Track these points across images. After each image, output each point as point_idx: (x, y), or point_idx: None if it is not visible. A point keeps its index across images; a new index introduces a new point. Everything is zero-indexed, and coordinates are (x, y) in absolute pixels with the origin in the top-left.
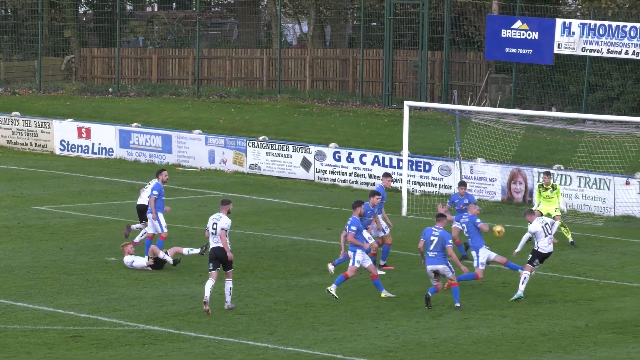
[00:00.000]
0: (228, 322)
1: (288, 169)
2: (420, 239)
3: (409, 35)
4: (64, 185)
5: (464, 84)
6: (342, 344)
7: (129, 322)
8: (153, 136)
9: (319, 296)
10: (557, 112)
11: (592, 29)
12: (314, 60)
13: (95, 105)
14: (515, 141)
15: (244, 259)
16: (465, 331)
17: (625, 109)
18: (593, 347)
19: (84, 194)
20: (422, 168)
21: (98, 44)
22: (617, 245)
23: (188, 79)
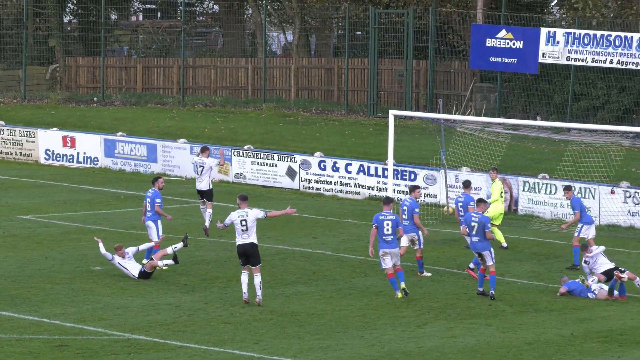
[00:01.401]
0: (213, 331)
1: (273, 178)
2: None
3: (394, 45)
4: (49, 194)
5: (448, 93)
6: (328, 353)
7: (115, 331)
8: (138, 145)
9: (305, 305)
10: (542, 121)
11: (576, 38)
12: (299, 69)
13: (80, 114)
14: (500, 150)
15: (229, 268)
16: (451, 340)
17: (610, 118)
18: (579, 356)
19: (69, 203)
20: (408, 177)
21: (83, 53)
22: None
23: (173, 88)
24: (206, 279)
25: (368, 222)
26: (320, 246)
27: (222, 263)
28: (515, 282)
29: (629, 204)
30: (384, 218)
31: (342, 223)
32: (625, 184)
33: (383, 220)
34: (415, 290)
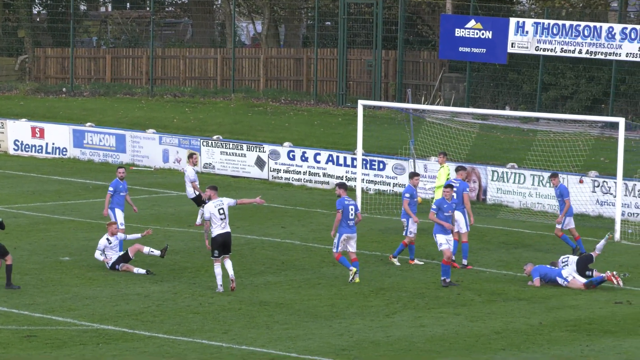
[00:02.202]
0: (182, 321)
1: (242, 168)
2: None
3: (363, 35)
4: (18, 185)
5: (417, 83)
6: (297, 342)
7: (83, 321)
8: (107, 136)
9: (273, 295)
10: (511, 111)
11: (545, 28)
12: (268, 59)
13: (49, 105)
14: (469, 140)
15: (198, 258)
16: (420, 329)
17: (578, 107)
18: (547, 345)
19: (37, 193)
20: (376, 167)
21: (52, 44)
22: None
23: (142, 79)
24: (175, 269)
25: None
26: (289, 236)
27: (190, 253)
28: (483, 272)
29: (598, 193)
30: (348, 203)
31: (311, 213)
32: (593, 174)
33: (348, 205)
34: (383, 279)
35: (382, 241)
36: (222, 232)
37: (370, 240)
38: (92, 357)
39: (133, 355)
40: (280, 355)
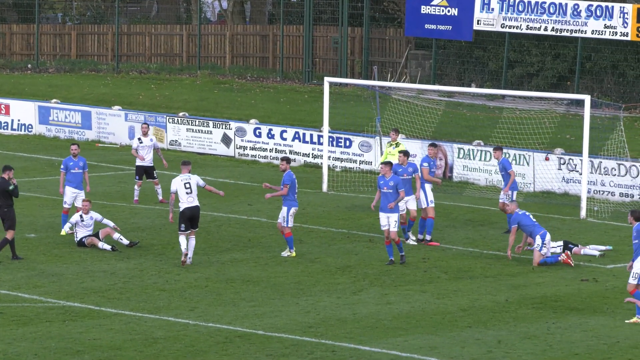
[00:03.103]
0: (148, 298)
1: (209, 145)
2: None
3: (329, 12)
4: None
5: (384, 60)
6: (263, 319)
7: (50, 298)
8: (73, 112)
9: (240, 272)
10: (477, 88)
11: (511, 5)
12: (233, 36)
13: (14, 81)
14: (435, 117)
15: (164, 235)
16: (386, 307)
17: (544, 85)
18: (513, 322)
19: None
20: (343, 144)
21: (17, 20)
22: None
23: (107, 55)
24: (141, 246)
25: (303, 188)
26: (255, 213)
27: (157, 230)
28: (450, 249)
29: (564, 171)
30: (295, 177)
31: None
32: (559, 151)
33: (296, 179)
34: (350, 257)
35: (348, 218)
36: (190, 206)
37: (337, 217)
38: (58, 334)
39: (99, 332)
40: (247, 333)
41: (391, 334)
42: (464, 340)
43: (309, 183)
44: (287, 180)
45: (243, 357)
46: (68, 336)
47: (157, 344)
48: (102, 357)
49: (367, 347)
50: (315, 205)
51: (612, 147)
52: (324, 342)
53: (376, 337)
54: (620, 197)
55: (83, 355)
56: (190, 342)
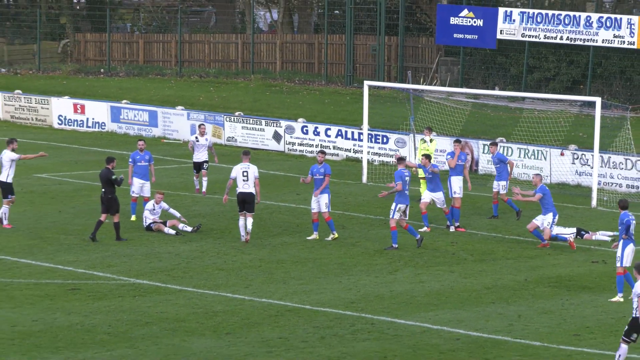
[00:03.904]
0: (209, 276)
1: (261, 141)
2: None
3: (368, 22)
4: (62, 155)
5: (417, 65)
6: (310, 296)
7: (121, 276)
8: (141, 112)
9: (289, 254)
10: (500, 91)
11: (530, 17)
12: (283, 44)
13: (88, 84)
14: (462, 117)
15: (222, 221)
16: (419, 285)
17: (560, 88)
18: (531, 298)
19: (79, 163)
20: (380, 140)
21: (90, 30)
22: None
23: (171, 61)
24: (202, 231)
25: (345, 180)
26: (303, 202)
27: (216, 216)
28: (475, 234)
29: (577, 165)
30: (316, 170)
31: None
32: (573, 147)
33: (316, 171)
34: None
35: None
36: (244, 191)
37: (375, 206)
38: (129, 307)
39: (165, 307)
40: (296, 307)
41: (423, 308)
42: (487, 314)
43: (350, 175)
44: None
45: (292, 329)
46: (138, 310)
47: (216, 316)
48: (168, 328)
49: (402, 320)
50: (355, 195)
51: (620, 144)
52: (363, 315)
53: (410, 312)
54: (627, 188)
55: (151, 327)
56: (246, 316)
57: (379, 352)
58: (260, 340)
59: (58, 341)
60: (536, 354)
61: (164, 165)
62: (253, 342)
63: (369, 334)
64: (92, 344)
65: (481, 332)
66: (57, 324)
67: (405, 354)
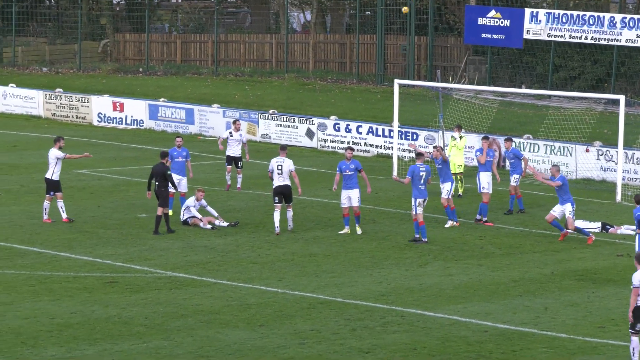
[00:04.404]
0: (243, 269)
1: (294, 138)
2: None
3: (398, 23)
4: (101, 152)
5: (445, 64)
6: (342, 289)
7: (158, 269)
8: (178, 110)
9: (321, 247)
10: (526, 89)
11: (556, 17)
12: (316, 44)
13: (127, 83)
14: (490, 114)
15: (257, 215)
16: (448, 278)
17: (585, 86)
18: (558, 291)
19: (118, 159)
20: (410, 137)
21: (130, 30)
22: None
23: (207, 60)
24: (237, 225)
25: (376, 176)
26: (334, 197)
27: (250, 211)
28: (503, 228)
29: (601, 161)
30: (346, 167)
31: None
32: (598, 144)
33: (346, 167)
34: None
35: None
36: (279, 184)
37: (405, 201)
38: (165, 300)
39: (201, 299)
40: (327, 300)
41: (452, 301)
42: (515, 307)
43: (381, 171)
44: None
45: (324, 321)
46: (174, 302)
47: (250, 309)
48: (204, 320)
49: (431, 312)
50: (386, 190)
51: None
52: (394, 308)
53: (439, 304)
54: None
55: (187, 319)
56: (279, 308)
57: (409, 343)
58: (292, 332)
59: (95, 333)
60: (562, 346)
61: (199, 162)
62: (285, 334)
63: (399, 326)
64: (128, 335)
65: (508, 324)
66: (95, 316)
67: (434, 346)
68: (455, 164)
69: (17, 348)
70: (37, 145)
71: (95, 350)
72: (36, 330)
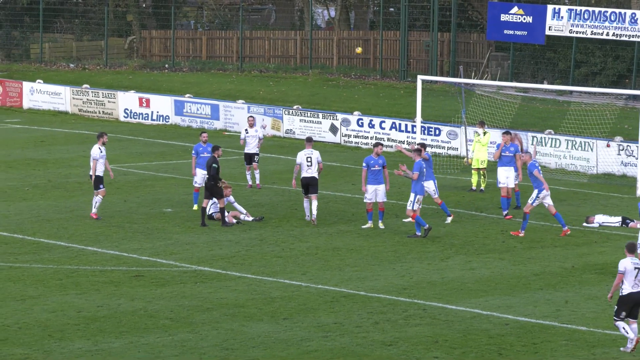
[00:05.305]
0: (267, 263)
1: (318, 133)
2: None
3: (422, 19)
4: (127, 147)
5: (468, 60)
6: (365, 282)
7: (183, 263)
8: (203, 105)
9: (345, 242)
10: (548, 84)
11: (578, 14)
12: (340, 40)
13: (153, 79)
14: (512, 110)
15: (281, 210)
16: (469, 272)
17: (606, 82)
18: (578, 285)
19: (144, 155)
20: (433, 133)
21: (156, 27)
22: (599, 198)
23: (232, 57)
24: (262, 220)
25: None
26: (358, 192)
27: (274, 206)
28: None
29: (622, 156)
30: (374, 162)
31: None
32: (619, 139)
33: (374, 163)
34: (439, 229)
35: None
36: (307, 175)
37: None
38: (190, 293)
39: (226, 292)
40: (350, 293)
41: (474, 295)
42: (536, 300)
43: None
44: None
45: (347, 314)
46: (199, 295)
47: (274, 302)
48: (228, 314)
49: (453, 306)
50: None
51: None
52: (416, 301)
53: (461, 298)
54: None
55: (212, 312)
56: (303, 301)
57: (431, 336)
58: (316, 325)
59: (122, 326)
60: (582, 339)
61: (224, 157)
62: (309, 327)
63: (421, 319)
64: (154, 328)
65: (529, 317)
66: (121, 310)
67: (456, 339)
68: (479, 159)
69: (45, 341)
70: (65, 141)
71: (121, 343)
72: (63, 323)
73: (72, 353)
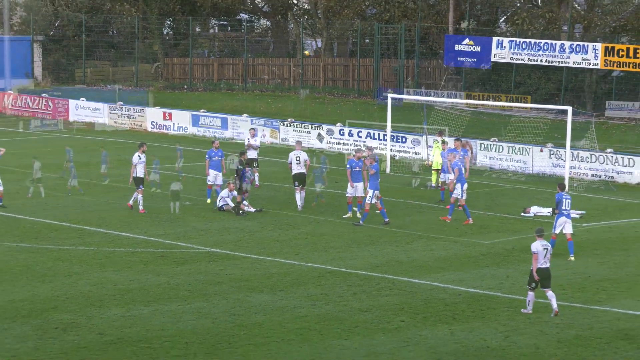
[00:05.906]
0: (267, 246)
1: (308, 141)
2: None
3: (391, 49)
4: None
5: (429, 82)
6: (345, 261)
7: (199, 246)
8: (215, 118)
9: (329, 228)
10: (494, 101)
11: (517, 44)
12: (325, 65)
13: (174, 97)
14: (464, 122)
15: (278, 203)
16: (430, 252)
17: (540, 99)
18: (517, 263)
19: (167, 158)
20: (400, 140)
21: (177, 55)
22: (534, 193)
23: (239, 79)
24: (262, 211)
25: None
26: (340, 188)
27: (273, 199)
28: (474, 213)
29: (553, 159)
30: (356, 164)
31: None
32: (550, 145)
33: (356, 165)
34: (404, 218)
35: (404, 192)
36: (298, 171)
37: (396, 190)
38: (205, 270)
39: (233, 269)
40: (334, 270)
41: (433, 271)
42: (483, 275)
43: None
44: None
45: (331, 287)
46: (212, 272)
47: (272, 277)
48: (235, 286)
49: (416, 279)
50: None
51: (587, 143)
52: (387, 276)
53: (423, 273)
54: (592, 177)
55: (222, 285)
56: (296, 277)
57: (398, 304)
58: (306, 295)
59: (149, 296)
60: (520, 306)
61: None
62: (301, 297)
63: (391, 290)
64: (175, 298)
65: (478, 289)
66: (149, 283)
67: (419, 306)
68: (438, 162)
69: (88, 309)
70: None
71: (149, 310)
72: (102, 294)
73: (110, 318)
